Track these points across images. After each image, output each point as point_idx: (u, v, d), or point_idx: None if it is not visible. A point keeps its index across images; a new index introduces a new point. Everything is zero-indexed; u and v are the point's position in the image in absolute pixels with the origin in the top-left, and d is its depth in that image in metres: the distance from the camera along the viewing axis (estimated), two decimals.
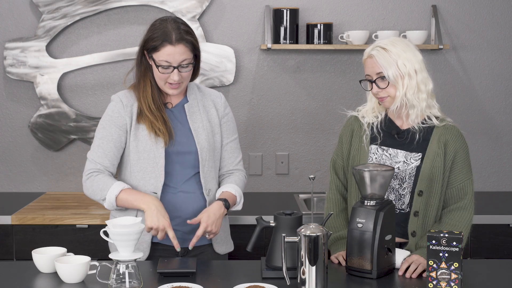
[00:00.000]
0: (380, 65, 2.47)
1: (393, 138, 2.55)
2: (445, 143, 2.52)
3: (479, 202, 3.71)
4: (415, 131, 2.53)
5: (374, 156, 2.55)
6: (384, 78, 2.48)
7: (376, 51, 2.49)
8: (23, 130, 3.90)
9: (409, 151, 2.53)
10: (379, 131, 2.57)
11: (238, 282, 2.26)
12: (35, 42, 3.80)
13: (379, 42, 2.53)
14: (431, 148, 2.51)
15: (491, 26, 3.89)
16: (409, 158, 2.52)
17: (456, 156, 2.54)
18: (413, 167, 2.51)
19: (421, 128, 2.53)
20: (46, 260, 2.38)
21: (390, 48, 2.47)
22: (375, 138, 2.57)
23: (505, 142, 3.97)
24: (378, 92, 2.50)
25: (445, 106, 3.93)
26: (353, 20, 3.87)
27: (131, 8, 3.85)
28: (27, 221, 3.34)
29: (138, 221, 2.25)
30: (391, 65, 2.46)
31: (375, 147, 2.56)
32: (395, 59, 2.46)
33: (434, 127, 2.54)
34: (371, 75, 2.51)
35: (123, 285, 2.20)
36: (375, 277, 2.29)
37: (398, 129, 2.56)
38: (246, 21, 3.87)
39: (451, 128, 2.55)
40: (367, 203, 2.33)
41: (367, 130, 2.58)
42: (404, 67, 2.46)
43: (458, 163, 2.54)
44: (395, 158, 2.53)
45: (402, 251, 2.44)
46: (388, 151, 2.55)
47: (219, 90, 3.88)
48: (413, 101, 2.48)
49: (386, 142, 2.56)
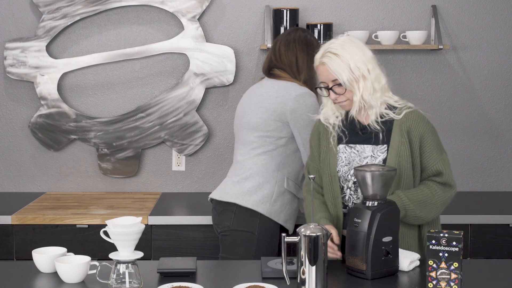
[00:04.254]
0: (334, 72, 2.45)
1: (358, 135, 2.55)
2: (408, 130, 2.51)
3: (479, 202, 3.74)
4: (373, 124, 2.53)
5: (344, 155, 2.55)
6: (340, 85, 2.47)
7: (327, 58, 2.46)
8: (23, 130, 3.90)
9: (375, 145, 2.53)
10: (343, 130, 2.57)
11: (238, 282, 2.26)
12: (35, 42, 3.80)
13: (328, 47, 2.48)
14: (394, 138, 2.51)
15: (491, 26, 3.89)
16: (375, 151, 2.52)
17: (423, 140, 2.53)
18: (380, 160, 2.51)
19: (381, 123, 2.52)
20: (46, 260, 2.38)
21: (341, 53, 2.45)
22: (341, 138, 2.57)
23: (505, 142, 3.97)
24: (336, 98, 2.50)
25: (445, 106, 3.93)
26: (353, 20, 3.88)
27: (131, 8, 3.86)
28: (27, 221, 3.34)
29: (138, 221, 2.25)
30: (345, 70, 2.44)
31: (343, 147, 2.56)
32: (348, 63, 2.44)
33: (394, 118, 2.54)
34: (326, 82, 2.50)
35: (123, 285, 2.20)
36: (369, 278, 2.29)
37: (361, 125, 2.55)
38: (246, 21, 3.87)
39: (411, 114, 2.54)
40: (368, 203, 2.33)
41: (333, 132, 2.58)
42: (357, 69, 2.45)
43: (427, 146, 2.53)
44: (363, 154, 2.53)
45: (410, 253, 2.43)
46: (356, 148, 2.54)
47: (219, 90, 3.89)
48: (370, 101, 2.49)
49: (352, 140, 2.56)
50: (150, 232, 3.36)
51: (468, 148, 3.96)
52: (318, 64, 2.50)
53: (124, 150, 3.89)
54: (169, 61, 3.88)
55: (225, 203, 3.04)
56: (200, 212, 3.44)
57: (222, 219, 3.04)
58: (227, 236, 3.02)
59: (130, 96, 3.90)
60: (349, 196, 2.56)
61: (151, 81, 3.89)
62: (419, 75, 3.91)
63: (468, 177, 3.98)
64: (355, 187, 2.53)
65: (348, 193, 2.56)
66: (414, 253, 2.44)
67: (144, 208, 3.54)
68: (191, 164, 3.95)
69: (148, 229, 3.35)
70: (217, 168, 3.93)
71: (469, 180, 3.98)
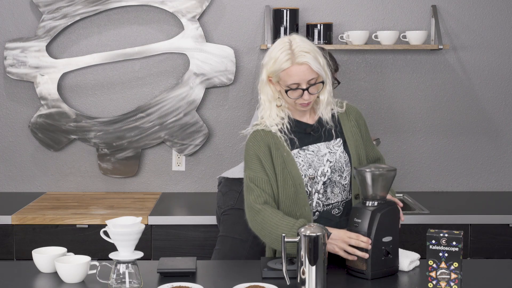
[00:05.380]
0: (316, 70, 2.38)
1: (309, 135, 2.50)
2: (355, 120, 2.55)
3: (479, 202, 3.74)
4: (324, 121, 2.51)
5: (300, 159, 2.46)
6: (313, 85, 2.40)
7: (306, 57, 2.36)
8: (23, 130, 3.90)
9: (328, 141, 2.50)
10: (291, 134, 2.47)
11: (238, 282, 2.26)
12: (35, 42, 3.80)
13: (298, 46, 2.38)
14: (347, 129, 2.52)
15: (491, 26, 3.89)
16: (331, 146, 2.50)
17: (362, 129, 2.57)
18: (340, 153, 2.49)
19: (328, 118, 2.51)
20: (46, 260, 2.38)
21: (310, 49, 2.39)
22: (293, 143, 2.47)
23: (505, 142, 3.97)
24: (309, 98, 2.41)
25: (445, 106, 3.93)
26: (353, 20, 3.88)
27: (131, 8, 3.86)
28: (27, 221, 3.34)
29: (138, 221, 2.25)
30: (321, 67, 2.40)
31: (296, 151, 2.47)
32: (321, 61, 2.42)
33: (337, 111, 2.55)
34: (300, 83, 2.38)
35: (123, 285, 2.20)
36: (369, 278, 2.29)
37: (310, 125, 2.51)
38: (246, 21, 3.87)
39: (351, 106, 2.59)
40: (368, 203, 2.33)
41: (282, 137, 2.46)
42: (323, 64, 2.42)
43: (366, 134, 2.59)
44: (319, 153, 2.48)
45: (410, 253, 2.43)
46: (309, 149, 2.48)
47: (219, 90, 3.89)
48: (329, 98, 2.49)
49: (304, 142, 2.48)
50: (150, 232, 3.36)
51: (468, 148, 3.96)
52: (291, 65, 2.36)
53: (124, 150, 3.89)
54: (169, 61, 3.88)
55: (232, 181, 3.08)
56: (200, 212, 3.44)
57: (226, 199, 3.07)
58: (229, 215, 3.03)
59: (130, 96, 3.90)
60: (317, 201, 2.48)
61: (151, 81, 3.89)
62: (419, 75, 3.91)
63: (468, 177, 3.98)
64: (324, 188, 2.47)
65: (316, 198, 2.47)
66: (414, 253, 2.44)
67: (144, 208, 3.54)
68: (191, 164, 3.95)
69: (148, 229, 3.35)
70: (217, 168, 3.93)
71: (469, 180, 3.98)
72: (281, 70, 2.38)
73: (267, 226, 2.38)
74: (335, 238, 2.33)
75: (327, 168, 2.47)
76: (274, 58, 2.40)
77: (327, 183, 2.47)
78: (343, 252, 2.33)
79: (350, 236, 2.30)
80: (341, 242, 2.32)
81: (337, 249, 2.34)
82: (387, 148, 3.90)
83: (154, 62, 3.88)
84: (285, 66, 2.37)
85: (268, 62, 2.43)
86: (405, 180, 3.96)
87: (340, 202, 2.50)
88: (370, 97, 3.91)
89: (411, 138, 3.96)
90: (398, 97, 3.92)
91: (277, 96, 2.47)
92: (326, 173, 2.46)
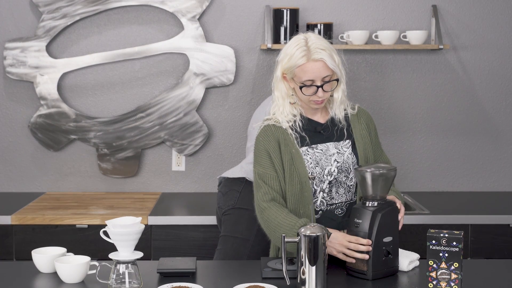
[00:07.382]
0: (332, 67, 2.39)
1: (319, 134, 2.50)
2: (366, 123, 2.56)
3: (479, 202, 3.74)
4: (336, 121, 2.51)
5: (308, 157, 2.47)
6: (328, 82, 2.40)
7: (321, 54, 2.37)
8: (23, 130, 3.90)
9: (338, 141, 2.51)
10: (302, 132, 2.48)
11: (238, 282, 2.26)
12: (35, 42, 3.80)
13: (313, 42, 2.38)
14: (357, 131, 2.53)
15: (491, 26, 3.89)
16: (340, 147, 2.50)
17: (372, 133, 2.58)
18: (348, 154, 2.49)
19: (341, 117, 2.52)
20: (46, 260, 2.38)
21: (326, 46, 2.40)
22: (303, 141, 2.48)
23: (505, 142, 3.97)
24: (323, 95, 2.42)
25: (445, 106, 3.93)
26: (353, 20, 3.87)
27: (131, 8, 3.85)
28: (27, 221, 3.34)
29: (138, 221, 2.25)
30: (336, 64, 2.41)
31: (305, 149, 2.48)
32: (337, 59, 2.42)
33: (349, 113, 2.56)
34: (315, 79, 2.39)
35: (123, 285, 2.19)
36: (370, 279, 2.28)
37: (321, 124, 2.51)
38: (246, 21, 3.87)
39: (362, 109, 2.60)
40: (368, 203, 2.33)
41: (293, 134, 2.48)
42: (338, 62, 2.43)
43: (376, 139, 2.59)
44: (328, 152, 2.48)
45: (409, 253, 2.43)
46: (319, 148, 2.49)
47: (219, 90, 3.89)
48: (343, 97, 2.50)
49: (314, 141, 2.49)
50: (150, 232, 3.36)
51: (468, 148, 3.96)
52: (306, 61, 2.37)
53: (124, 150, 3.89)
54: (169, 61, 3.88)
55: (232, 180, 3.07)
56: (200, 212, 3.44)
57: (226, 199, 3.06)
58: (230, 215, 3.02)
59: (130, 96, 3.90)
60: (321, 200, 2.48)
61: (151, 81, 3.89)
62: (419, 75, 3.91)
63: (468, 177, 3.98)
64: (330, 187, 2.48)
65: (320, 197, 2.48)
66: (413, 253, 2.44)
67: (144, 208, 3.54)
68: (191, 164, 3.95)
69: (148, 229, 3.35)
70: (217, 168, 3.93)
71: (469, 180, 3.98)
72: (297, 66, 2.39)
73: (271, 225, 2.40)
74: (333, 241, 2.33)
75: (334, 168, 2.47)
76: (289, 55, 2.41)
77: (332, 183, 2.48)
78: (342, 255, 2.34)
79: (349, 239, 2.30)
80: (339, 245, 2.32)
81: (335, 252, 2.34)
82: (387, 148, 3.90)
83: (154, 62, 3.88)
84: (301, 62, 2.39)
85: (283, 59, 2.44)
86: (405, 180, 3.96)
87: (344, 203, 2.51)
88: (370, 97, 3.91)
89: (411, 138, 3.96)
90: (398, 97, 3.92)
91: (291, 93, 2.48)
92: (333, 172, 2.47)
